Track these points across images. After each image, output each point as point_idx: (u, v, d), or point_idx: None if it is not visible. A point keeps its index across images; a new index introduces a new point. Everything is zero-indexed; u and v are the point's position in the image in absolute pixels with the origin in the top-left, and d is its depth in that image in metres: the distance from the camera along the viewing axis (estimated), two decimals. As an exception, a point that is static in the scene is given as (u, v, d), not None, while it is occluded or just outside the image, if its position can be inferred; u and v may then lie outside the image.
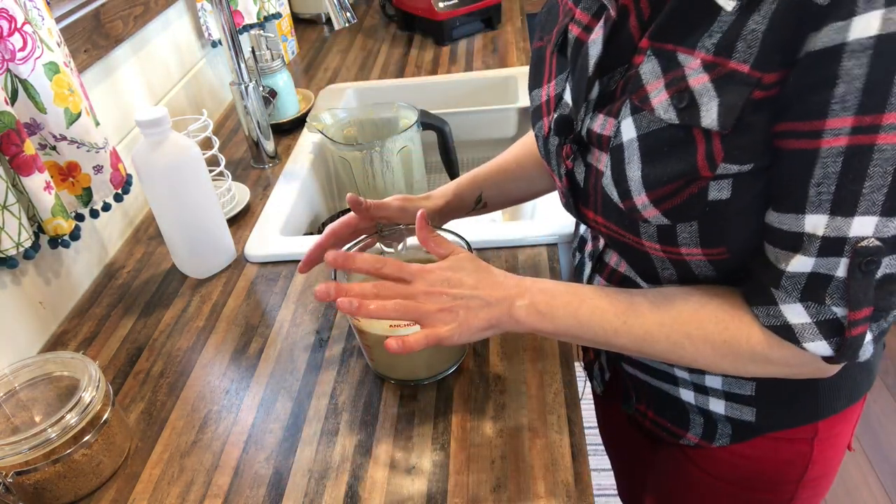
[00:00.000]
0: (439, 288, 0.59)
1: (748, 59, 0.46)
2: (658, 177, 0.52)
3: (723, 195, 0.50)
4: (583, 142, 0.59)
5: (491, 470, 0.62)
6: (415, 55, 1.57)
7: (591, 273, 0.72)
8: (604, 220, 0.60)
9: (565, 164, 0.62)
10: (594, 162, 0.59)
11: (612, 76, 0.56)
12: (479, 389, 0.70)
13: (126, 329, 0.86)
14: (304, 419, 0.70)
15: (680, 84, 0.49)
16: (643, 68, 0.52)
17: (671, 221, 0.53)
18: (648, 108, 0.51)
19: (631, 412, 0.80)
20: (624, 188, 0.54)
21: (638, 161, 0.53)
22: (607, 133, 0.56)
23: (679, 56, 0.49)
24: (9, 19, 0.73)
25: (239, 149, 1.25)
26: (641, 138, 0.52)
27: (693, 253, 0.55)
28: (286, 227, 1.01)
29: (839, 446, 0.73)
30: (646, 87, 0.52)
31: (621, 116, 0.54)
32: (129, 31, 1.08)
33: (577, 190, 0.62)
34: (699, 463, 0.76)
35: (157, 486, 0.65)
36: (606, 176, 0.56)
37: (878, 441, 1.80)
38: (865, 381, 0.70)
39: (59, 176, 0.83)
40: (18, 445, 0.60)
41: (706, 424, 0.71)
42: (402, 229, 0.75)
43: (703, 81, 0.48)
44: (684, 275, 0.59)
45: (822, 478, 0.74)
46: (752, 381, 0.66)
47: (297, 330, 0.82)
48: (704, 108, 0.48)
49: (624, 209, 0.56)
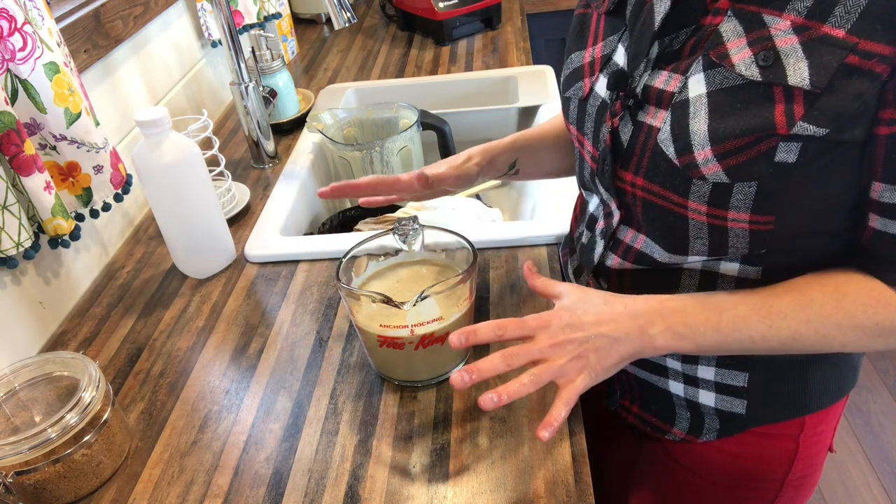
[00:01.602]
0: (563, 336, 0.57)
1: (846, 24, 0.47)
2: (728, 131, 0.52)
3: (790, 158, 0.51)
4: (637, 99, 0.59)
5: (491, 470, 0.62)
6: (415, 55, 1.57)
7: (602, 251, 0.70)
8: (645, 181, 0.60)
9: (611, 122, 0.62)
10: (647, 119, 0.59)
11: (676, 36, 0.57)
12: (479, 389, 0.70)
13: (126, 329, 0.86)
14: (304, 419, 0.70)
15: (766, 43, 0.50)
16: (723, 27, 0.53)
17: (730, 180, 0.53)
18: (728, 63, 0.52)
19: (614, 408, 0.80)
20: (684, 142, 0.55)
21: (705, 115, 0.53)
22: (671, 89, 0.56)
23: (765, 17, 0.51)
24: (9, 19, 0.73)
25: (239, 149, 1.25)
26: (712, 94, 0.53)
27: (739, 219, 0.55)
28: (286, 227, 1.01)
29: (822, 444, 0.74)
30: (726, 44, 0.53)
31: (690, 72, 0.55)
32: (129, 31, 1.08)
33: (619, 151, 0.62)
34: (683, 460, 0.76)
35: (157, 486, 0.65)
36: (664, 131, 0.56)
37: (878, 441, 1.80)
38: (851, 378, 0.71)
39: (59, 176, 0.83)
40: (18, 445, 0.60)
41: (693, 418, 0.72)
42: (419, 227, 0.74)
43: (791, 42, 0.49)
44: (716, 247, 0.59)
45: (806, 478, 0.75)
46: (746, 371, 0.66)
47: (297, 330, 0.82)
48: (791, 68, 0.49)
49: (679, 165, 0.56)
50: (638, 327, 0.57)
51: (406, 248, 0.75)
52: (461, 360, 0.73)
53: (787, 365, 0.66)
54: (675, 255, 0.62)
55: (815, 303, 0.56)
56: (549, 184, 0.98)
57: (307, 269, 0.92)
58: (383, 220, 1.06)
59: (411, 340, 0.67)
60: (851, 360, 0.70)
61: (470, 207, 1.05)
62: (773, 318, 0.56)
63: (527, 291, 0.82)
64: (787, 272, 0.58)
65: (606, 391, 0.80)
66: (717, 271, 0.62)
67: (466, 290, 0.69)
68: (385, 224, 1.04)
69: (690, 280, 0.63)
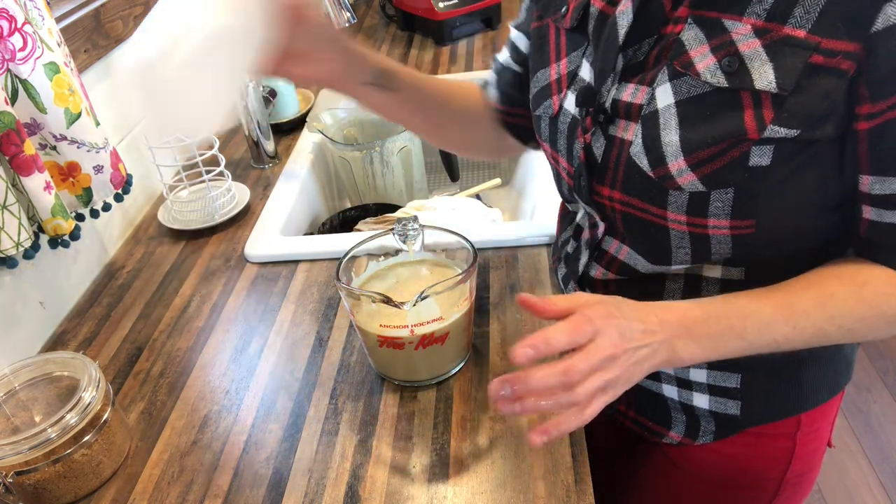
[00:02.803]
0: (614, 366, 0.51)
1: (805, 24, 0.47)
2: (699, 140, 0.52)
3: (763, 161, 0.51)
4: (607, 113, 0.59)
5: (491, 470, 0.62)
6: (415, 55, 1.57)
7: (587, 261, 0.70)
8: (622, 194, 0.60)
9: (583, 139, 0.61)
10: (619, 133, 0.58)
11: (640, 47, 0.56)
12: (479, 389, 0.70)
13: (126, 329, 0.86)
14: (304, 419, 0.70)
15: (728, 48, 0.50)
16: (685, 35, 0.53)
17: (707, 188, 0.53)
18: (693, 72, 0.52)
19: (610, 413, 0.79)
20: (657, 155, 0.54)
21: (675, 126, 0.53)
22: (639, 101, 0.56)
23: (725, 22, 0.51)
24: (9, 19, 0.73)
25: (239, 149, 1.25)
26: (681, 104, 0.53)
27: (720, 226, 0.55)
28: (286, 227, 1.01)
29: (820, 441, 0.73)
30: (689, 52, 0.52)
31: (656, 83, 0.54)
32: (129, 31, 1.08)
33: (594, 166, 0.62)
34: (680, 463, 0.75)
35: (157, 486, 0.65)
36: (636, 144, 0.56)
37: (878, 441, 1.80)
38: (845, 374, 0.71)
39: (59, 176, 0.83)
40: (18, 445, 0.60)
41: (689, 421, 0.71)
42: (419, 227, 0.74)
43: (753, 46, 0.49)
44: (699, 255, 0.59)
45: (804, 475, 0.74)
46: (738, 373, 0.66)
47: (297, 330, 0.82)
48: (756, 72, 0.49)
49: (654, 177, 0.55)
50: (667, 339, 0.53)
51: (406, 248, 0.75)
52: (461, 360, 0.73)
53: (781, 364, 0.66)
54: (659, 266, 0.63)
55: (836, 297, 0.55)
56: (549, 184, 0.98)
57: (307, 269, 0.92)
58: (383, 220, 1.06)
59: (411, 340, 0.67)
60: (845, 356, 0.70)
61: (470, 207, 1.05)
62: (796, 319, 0.55)
63: (527, 291, 0.82)
64: (769, 271, 0.58)
65: None
66: (701, 274, 0.62)
67: (466, 290, 0.69)
68: (385, 224, 1.04)
69: (674, 285, 0.63)
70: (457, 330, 0.69)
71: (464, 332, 0.71)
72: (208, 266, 0.95)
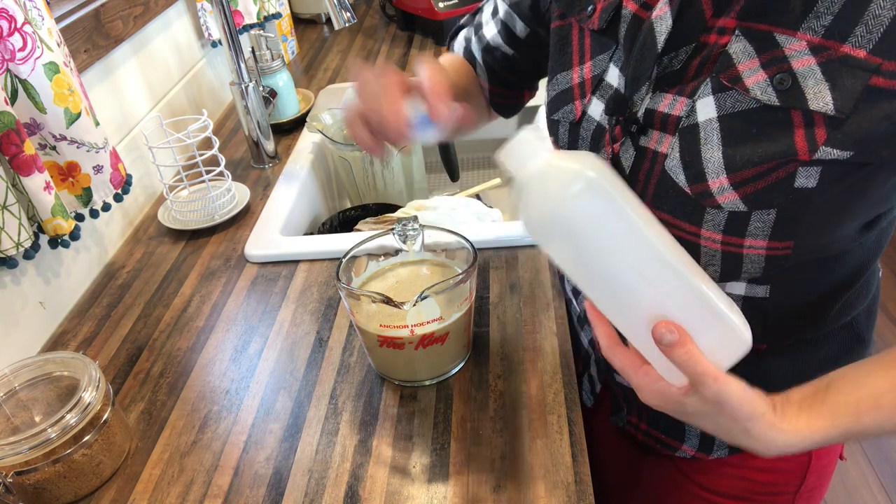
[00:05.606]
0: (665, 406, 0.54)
1: (867, 44, 0.44)
2: (744, 158, 0.50)
3: (809, 183, 0.49)
4: (639, 123, 0.56)
5: (491, 470, 0.62)
6: (415, 55, 1.57)
7: None
8: (653, 209, 0.57)
9: (610, 148, 0.58)
10: (651, 145, 0.56)
11: (676, 55, 0.53)
12: (479, 389, 0.70)
13: (126, 329, 0.86)
14: (304, 419, 0.70)
15: (781, 65, 0.47)
16: (732, 48, 0.50)
17: (748, 208, 0.51)
18: (741, 87, 0.49)
19: (621, 425, 0.78)
20: (697, 170, 0.52)
21: (718, 141, 0.51)
22: (676, 113, 0.53)
23: (777, 37, 0.48)
24: (9, 19, 0.73)
25: (239, 149, 1.25)
26: (724, 118, 0.50)
27: (756, 246, 0.53)
28: (286, 227, 1.01)
29: (833, 454, 0.72)
30: (737, 66, 0.49)
31: (698, 95, 0.52)
32: (129, 31, 1.08)
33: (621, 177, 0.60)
34: (694, 477, 0.74)
35: (157, 486, 0.65)
36: (673, 158, 0.53)
37: (878, 441, 1.80)
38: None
39: (59, 176, 0.83)
40: (18, 445, 0.60)
41: (703, 435, 0.70)
42: (419, 227, 0.74)
43: (808, 64, 0.46)
44: (728, 273, 0.56)
45: (817, 489, 0.73)
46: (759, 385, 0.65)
47: (297, 330, 0.82)
48: (811, 91, 0.46)
49: (690, 194, 0.53)
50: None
51: (406, 248, 0.75)
52: (461, 360, 0.73)
53: (795, 379, 0.65)
54: None
55: None
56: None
57: (307, 269, 0.92)
58: (383, 220, 1.06)
59: (411, 340, 0.67)
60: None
61: (470, 207, 1.05)
62: None
63: (527, 291, 0.82)
64: (794, 287, 0.57)
65: (612, 407, 0.78)
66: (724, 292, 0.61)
67: (466, 290, 0.69)
68: (385, 224, 1.04)
69: None
70: (457, 330, 0.69)
71: (464, 332, 0.71)
72: (208, 266, 0.95)
